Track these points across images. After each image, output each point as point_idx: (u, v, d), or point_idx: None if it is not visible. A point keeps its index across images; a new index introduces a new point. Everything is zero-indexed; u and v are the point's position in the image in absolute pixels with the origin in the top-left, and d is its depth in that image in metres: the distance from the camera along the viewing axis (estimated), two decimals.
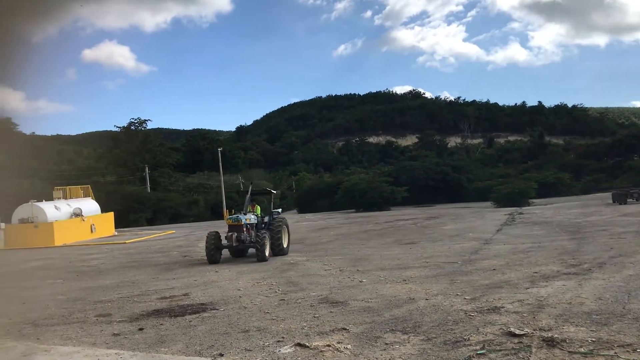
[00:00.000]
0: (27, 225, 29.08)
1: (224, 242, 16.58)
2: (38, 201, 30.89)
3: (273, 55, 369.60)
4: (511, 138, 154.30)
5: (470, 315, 7.62)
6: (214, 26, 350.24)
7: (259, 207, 18.31)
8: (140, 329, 7.90)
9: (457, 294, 9.16)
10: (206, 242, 16.30)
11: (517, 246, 15.81)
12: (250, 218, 16.92)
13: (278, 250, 16.74)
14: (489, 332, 6.70)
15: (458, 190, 58.93)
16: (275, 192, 20.32)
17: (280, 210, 18.88)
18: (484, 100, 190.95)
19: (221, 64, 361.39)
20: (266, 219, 17.77)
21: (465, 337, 6.50)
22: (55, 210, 30.71)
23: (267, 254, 15.93)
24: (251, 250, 17.07)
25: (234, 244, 16.11)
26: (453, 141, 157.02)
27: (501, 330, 6.70)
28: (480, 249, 15.75)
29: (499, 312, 7.74)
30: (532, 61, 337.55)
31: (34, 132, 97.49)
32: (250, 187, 18.78)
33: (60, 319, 9.09)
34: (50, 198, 33.54)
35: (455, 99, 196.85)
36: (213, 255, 16.07)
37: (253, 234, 16.55)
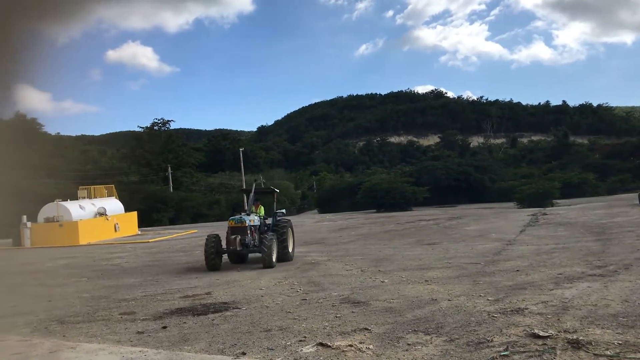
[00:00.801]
0: (52, 224, 29.56)
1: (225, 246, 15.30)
2: (63, 200, 31.39)
3: (294, 56, 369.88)
4: (535, 138, 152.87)
5: (493, 316, 7.55)
6: (235, 27, 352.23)
7: (262, 208, 17.05)
8: (164, 327, 7.98)
9: (480, 295, 9.09)
10: (205, 247, 14.74)
11: (540, 247, 15.62)
12: (254, 219, 15.48)
13: (283, 255, 15.25)
14: (512, 333, 6.63)
15: (480, 191, 58.51)
16: (278, 190, 18.66)
17: (284, 210, 17.63)
18: (507, 99, 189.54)
19: (243, 65, 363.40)
20: (269, 220, 16.44)
21: (488, 339, 6.44)
22: (80, 209, 31.17)
23: (274, 259, 14.59)
24: (251, 256, 16.15)
25: (238, 248, 14.65)
26: (475, 141, 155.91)
27: (525, 332, 6.63)
28: (503, 249, 15.60)
29: (523, 313, 7.65)
30: (557, 60, 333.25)
31: (59, 133, 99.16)
32: (254, 185, 17.35)
33: (86, 316, 9.22)
34: (75, 197, 34.08)
35: (477, 99, 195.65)
36: (213, 260, 14.60)
37: (257, 237, 15.15)
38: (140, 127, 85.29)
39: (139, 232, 35.95)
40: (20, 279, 14.90)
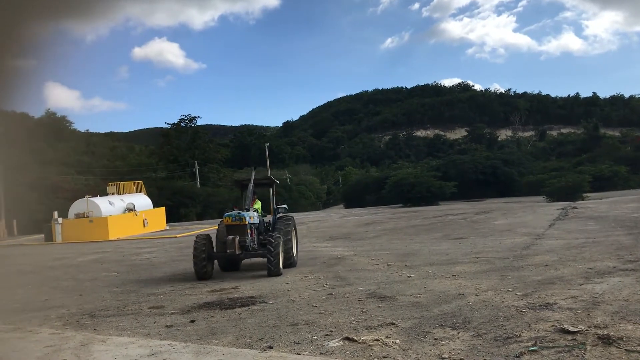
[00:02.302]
0: (82, 219, 30.10)
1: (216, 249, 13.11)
2: (93, 196, 31.96)
3: (319, 50, 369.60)
4: (564, 130, 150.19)
5: (521, 311, 7.47)
6: (260, 22, 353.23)
7: (259, 203, 14.38)
8: (192, 321, 8.08)
9: (508, 290, 8.99)
10: (194, 250, 12.27)
11: (570, 241, 15.36)
12: (254, 217, 13.00)
13: (286, 260, 12.90)
14: (541, 328, 6.55)
15: (509, 185, 57.86)
16: (278, 181, 15.76)
17: (286, 206, 14.64)
18: (536, 92, 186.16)
19: (268, 60, 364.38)
20: (268, 218, 14.33)
21: (516, 334, 6.37)
22: (110, 205, 31.69)
23: (281, 265, 12.23)
24: (246, 261, 13.85)
25: (237, 252, 12.11)
26: (503, 134, 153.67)
27: (554, 327, 6.54)
28: (532, 244, 15.38)
29: (552, 308, 7.55)
30: (587, 50, 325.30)
31: (88, 130, 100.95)
32: (254, 173, 14.27)
33: (116, 310, 9.38)
34: (104, 193, 34.69)
35: (505, 91, 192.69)
36: (204, 268, 12.20)
37: (256, 239, 12.80)
38: (168, 124, 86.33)
39: (167, 228, 36.40)
40: (52, 274, 15.24)
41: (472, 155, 73.97)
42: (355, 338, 6.54)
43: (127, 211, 32.87)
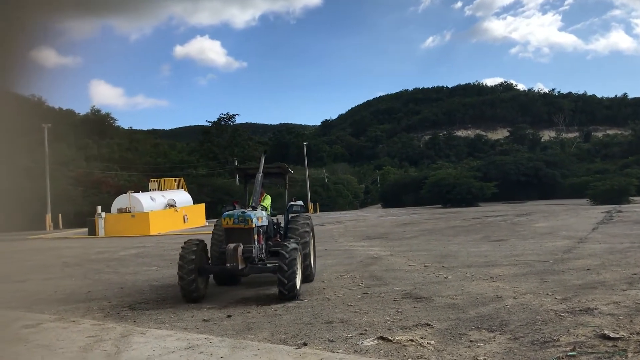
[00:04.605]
0: (125, 214, 30.85)
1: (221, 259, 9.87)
2: (135, 192, 32.74)
3: (359, 49, 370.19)
4: (610, 132, 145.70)
5: (560, 315, 7.32)
6: (301, 21, 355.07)
7: (269, 198, 11.69)
8: (229, 316, 8.19)
9: (548, 294, 8.82)
10: (180, 262, 9.32)
11: (614, 246, 14.95)
12: (262, 217, 10.17)
13: (304, 274, 10.20)
14: (580, 333, 6.40)
15: (551, 187, 56.74)
16: (292, 171, 12.74)
17: (301, 202, 11.80)
18: (581, 92, 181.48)
19: (308, 59, 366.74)
20: (278, 218, 11.69)
21: (554, 338, 6.25)
22: (151, 200, 32.39)
23: (298, 284, 9.27)
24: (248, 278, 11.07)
25: (240, 266, 9.01)
26: (547, 135, 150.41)
27: (594, 333, 6.38)
28: (573, 247, 15.04)
29: (592, 313, 7.37)
30: (638, 49, 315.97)
31: (131, 127, 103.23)
32: (263, 157, 11.05)
33: (155, 304, 9.59)
34: (146, 189, 35.51)
35: (549, 91, 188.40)
36: (193, 285, 9.18)
37: (263, 247, 9.96)
38: (208, 122, 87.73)
39: (207, 224, 36.92)
40: (95, 267, 15.66)
41: (514, 156, 72.75)
42: (390, 338, 6.52)
43: (167, 207, 33.53)
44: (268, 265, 9.58)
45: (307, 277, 10.60)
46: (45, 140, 45.57)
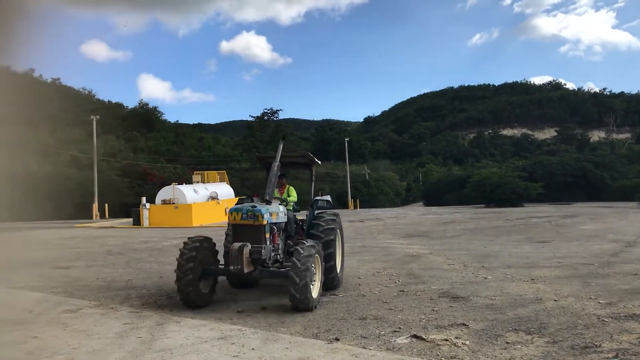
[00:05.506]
0: (168, 206, 31.41)
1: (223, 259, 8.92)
2: (179, 184, 33.31)
3: (404, 46, 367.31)
4: None
5: (603, 320, 7.06)
6: (346, 18, 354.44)
7: (293, 190, 10.51)
8: (263, 308, 8.22)
9: (591, 298, 8.52)
10: (178, 263, 8.22)
11: None
12: (279, 213, 8.82)
13: (326, 280, 8.95)
14: (624, 340, 6.15)
15: (600, 188, 55.14)
16: (319, 162, 10.99)
17: (329, 197, 10.60)
18: (634, 92, 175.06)
19: (352, 55, 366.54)
20: (300, 215, 10.40)
21: (596, 343, 6.02)
22: (194, 193, 32.90)
23: (315, 294, 8.09)
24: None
25: (245, 270, 7.87)
26: (596, 135, 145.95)
27: (639, 339, 6.13)
28: (621, 251, 14.52)
29: (638, 319, 7.08)
30: None
31: (177, 121, 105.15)
32: (282, 144, 9.44)
33: None
34: (190, 181, 36.13)
35: (600, 91, 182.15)
36: (191, 286, 8.03)
37: (281, 246, 8.94)
38: (252, 117, 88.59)
39: None
40: (137, 256, 15.97)
41: (561, 156, 70.98)
42: (424, 336, 6.42)
43: (210, 199, 33.98)
44: (281, 269, 8.44)
45: (331, 283, 9.28)
46: (94, 132, 46.88)
